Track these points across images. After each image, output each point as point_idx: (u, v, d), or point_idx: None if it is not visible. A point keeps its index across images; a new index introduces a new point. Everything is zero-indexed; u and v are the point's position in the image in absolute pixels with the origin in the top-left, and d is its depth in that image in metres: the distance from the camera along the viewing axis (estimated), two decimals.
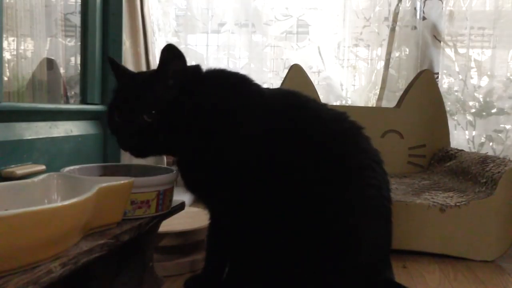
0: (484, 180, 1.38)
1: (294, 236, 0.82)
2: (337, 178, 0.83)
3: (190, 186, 0.90)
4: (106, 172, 0.97)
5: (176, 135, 0.81)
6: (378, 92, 2.16)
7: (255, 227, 0.84)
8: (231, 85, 0.88)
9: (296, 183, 0.82)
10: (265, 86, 1.01)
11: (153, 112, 0.79)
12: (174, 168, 0.97)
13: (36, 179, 0.74)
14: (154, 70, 0.85)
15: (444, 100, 1.91)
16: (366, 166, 0.86)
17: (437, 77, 2.10)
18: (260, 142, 0.83)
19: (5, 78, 1.27)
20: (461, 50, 2.11)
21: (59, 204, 0.57)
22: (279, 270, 0.85)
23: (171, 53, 0.81)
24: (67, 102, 1.48)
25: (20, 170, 0.88)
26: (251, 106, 0.86)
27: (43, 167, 0.95)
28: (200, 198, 0.93)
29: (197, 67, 0.87)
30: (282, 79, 1.86)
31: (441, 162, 1.76)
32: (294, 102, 0.90)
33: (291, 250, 0.83)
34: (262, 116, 0.85)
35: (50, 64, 1.47)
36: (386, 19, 2.17)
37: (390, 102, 2.11)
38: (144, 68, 1.97)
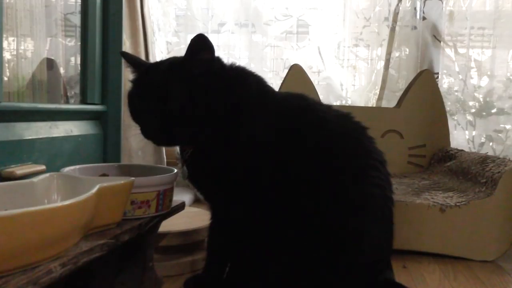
0: (484, 180, 1.38)
1: (297, 236, 0.82)
2: (342, 177, 0.83)
3: (197, 182, 0.90)
4: (106, 172, 0.97)
5: (199, 124, 0.80)
6: (378, 92, 2.16)
7: (259, 226, 0.84)
8: (253, 84, 0.90)
9: (302, 183, 0.82)
10: None
11: (179, 99, 0.78)
12: (174, 168, 0.97)
13: (36, 179, 0.74)
14: (180, 58, 0.85)
15: (444, 100, 1.91)
16: (371, 166, 0.86)
17: (437, 77, 2.09)
18: (274, 143, 0.83)
19: (5, 78, 1.27)
20: (461, 50, 2.10)
21: (59, 204, 0.57)
22: (280, 269, 0.85)
23: (200, 43, 0.81)
24: (67, 102, 1.48)
25: (20, 170, 0.88)
26: (269, 106, 0.87)
27: (43, 167, 0.95)
28: (206, 195, 0.93)
29: (219, 59, 0.87)
30: (282, 79, 1.86)
31: (441, 162, 1.76)
32: (302, 104, 0.90)
33: (293, 250, 0.83)
34: (277, 117, 0.86)
35: (50, 64, 1.47)
36: (386, 19, 2.16)
37: (390, 102, 2.11)
38: None
